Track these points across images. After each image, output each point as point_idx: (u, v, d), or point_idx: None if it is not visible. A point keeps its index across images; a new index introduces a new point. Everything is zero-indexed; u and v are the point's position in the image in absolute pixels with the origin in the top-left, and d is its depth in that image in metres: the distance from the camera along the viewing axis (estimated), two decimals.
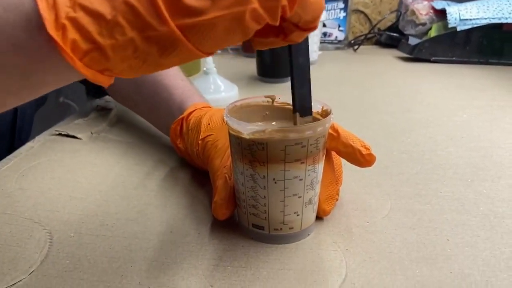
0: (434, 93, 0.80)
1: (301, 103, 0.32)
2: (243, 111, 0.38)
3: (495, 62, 0.97)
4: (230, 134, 0.35)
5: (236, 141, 0.34)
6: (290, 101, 0.39)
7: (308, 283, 0.31)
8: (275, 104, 0.39)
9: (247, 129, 0.32)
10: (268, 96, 0.40)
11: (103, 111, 0.67)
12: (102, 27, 0.21)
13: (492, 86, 0.83)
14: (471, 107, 0.71)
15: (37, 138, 0.57)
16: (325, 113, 0.37)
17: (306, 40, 0.30)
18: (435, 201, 0.42)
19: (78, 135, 0.57)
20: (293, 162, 0.33)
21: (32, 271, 0.32)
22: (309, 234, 0.37)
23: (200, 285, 0.31)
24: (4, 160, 0.50)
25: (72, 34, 0.21)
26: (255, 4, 0.21)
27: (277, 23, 0.23)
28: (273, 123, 0.39)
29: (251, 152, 0.33)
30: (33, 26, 0.21)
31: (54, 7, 0.21)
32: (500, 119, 0.65)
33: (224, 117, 0.35)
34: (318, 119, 0.37)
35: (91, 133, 0.59)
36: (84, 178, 0.47)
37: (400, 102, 0.75)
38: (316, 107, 0.38)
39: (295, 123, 0.33)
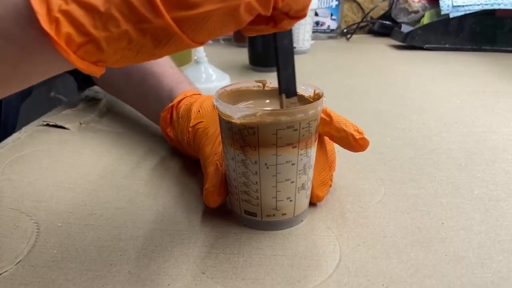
0: (427, 80, 0.79)
1: (287, 84, 0.32)
2: (233, 96, 0.37)
3: (488, 49, 0.97)
4: (220, 119, 0.34)
5: (226, 125, 0.33)
6: None
7: (301, 268, 0.31)
8: (266, 88, 0.39)
9: (238, 113, 0.32)
10: (259, 81, 0.39)
11: (92, 102, 0.65)
12: (96, 20, 0.21)
13: (485, 72, 0.82)
14: (464, 93, 0.71)
15: (23, 129, 0.55)
16: (317, 97, 0.36)
17: None
18: (429, 185, 0.42)
19: (66, 126, 0.56)
20: (285, 146, 0.32)
21: (19, 261, 0.31)
22: (302, 220, 0.37)
23: (191, 272, 0.31)
24: None
25: (66, 27, 0.21)
26: None
27: (269, 14, 0.23)
28: (265, 107, 0.38)
29: (242, 137, 0.32)
30: (24, 19, 0.21)
31: None
32: (493, 105, 0.65)
33: (214, 102, 0.34)
34: (311, 102, 0.36)
35: (80, 123, 0.58)
36: (72, 168, 0.46)
37: (393, 90, 0.74)
38: (308, 91, 0.37)
39: (281, 104, 0.32)
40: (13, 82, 0.24)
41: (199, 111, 0.44)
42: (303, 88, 0.38)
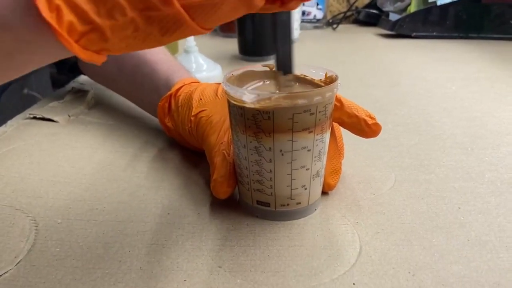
0: (419, 67, 0.79)
1: (284, 60, 0.32)
2: (241, 80, 0.35)
3: (474, 36, 0.97)
4: (230, 105, 0.32)
5: (238, 111, 0.31)
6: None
7: (322, 258, 0.30)
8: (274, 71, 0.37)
9: (251, 97, 0.30)
10: (265, 65, 0.37)
11: (79, 94, 0.62)
12: (99, 7, 0.19)
13: (475, 59, 0.83)
14: (458, 79, 0.71)
15: (9, 122, 0.52)
16: (330, 80, 0.35)
17: None
18: (439, 170, 0.41)
19: (55, 118, 0.53)
20: (301, 131, 0.31)
21: (19, 261, 0.29)
22: (316, 209, 0.35)
23: (207, 266, 0.29)
24: None
25: (68, 15, 0.19)
26: None
27: None
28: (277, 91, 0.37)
29: (255, 122, 0.31)
30: (22, 6, 0.19)
31: None
32: (489, 90, 0.65)
33: (223, 86, 0.32)
34: (321, 86, 0.35)
35: (69, 115, 0.55)
36: (66, 161, 0.43)
37: (387, 77, 0.73)
38: (318, 75, 0.36)
39: (278, 82, 0.32)
40: (7, 71, 0.22)
41: (200, 99, 0.42)
42: (313, 71, 0.36)
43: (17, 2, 0.19)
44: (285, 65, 0.32)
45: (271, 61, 0.36)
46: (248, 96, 0.30)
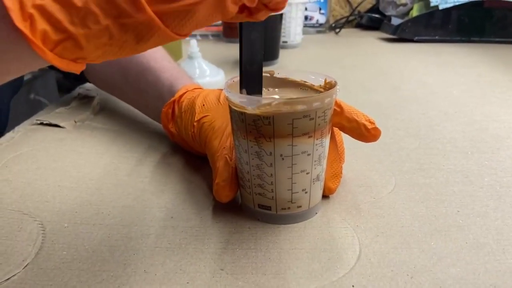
0: (420, 71, 0.80)
1: (248, 83, 0.30)
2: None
3: (476, 40, 0.98)
4: (231, 110, 0.33)
5: (239, 117, 0.32)
6: (291, 75, 0.38)
7: (322, 261, 0.30)
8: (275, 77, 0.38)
9: (252, 103, 0.31)
10: (265, 72, 0.38)
11: (85, 100, 0.63)
12: (73, 15, 0.19)
13: (477, 63, 0.83)
14: (459, 83, 0.71)
15: (17, 128, 0.53)
16: (329, 86, 0.35)
17: None
18: (439, 174, 0.42)
19: (61, 124, 0.54)
20: (301, 136, 0.31)
21: (27, 265, 0.30)
22: (316, 213, 0.36)
23: (209, 269, 0.30)
24: None
25: (42, 24, 0.19)
26: None
27: (254, 5, 0.23)
28: (276, 96, 0.37)
29: (256, 128, 0.31)
30: None
31: None
32: (489, 94, 0.65)
33: (225, 92, 0.33)
34: (320, 92, 0.35)
35: (75, 121, 0.56)
36: (72, 167, 0.44)
37: (388, 81, 0.74)
38: (318, 80, 0.37)
39: None
40: None
41: (203, 105, 0.43)
42: (313, 77, 0.37)
43: None
44: (249, 89, 0.30)
45: (271, 67, 0.37)
46: (249, 102, 0.31)
